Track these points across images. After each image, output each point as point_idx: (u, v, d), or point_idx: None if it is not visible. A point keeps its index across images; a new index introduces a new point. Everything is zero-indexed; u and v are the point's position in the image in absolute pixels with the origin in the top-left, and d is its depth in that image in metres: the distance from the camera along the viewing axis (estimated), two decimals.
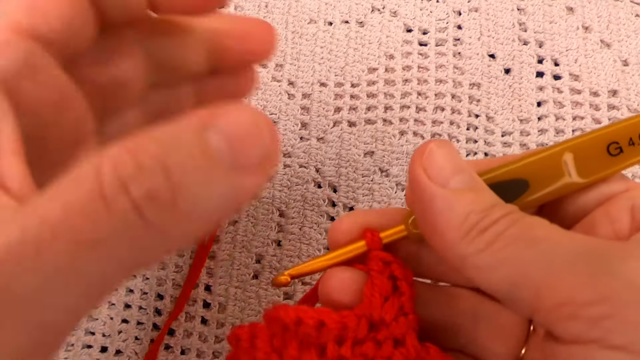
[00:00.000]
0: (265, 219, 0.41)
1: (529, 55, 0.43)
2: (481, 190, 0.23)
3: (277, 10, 0.46)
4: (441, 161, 0.23)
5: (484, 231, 0.21)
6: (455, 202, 0.22)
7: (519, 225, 0.21)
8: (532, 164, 0.25)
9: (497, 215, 0.22)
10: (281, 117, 0.43)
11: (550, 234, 0.21)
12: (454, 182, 0.23)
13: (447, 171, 0.23)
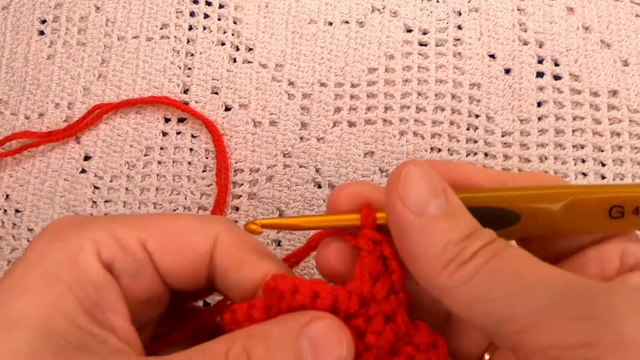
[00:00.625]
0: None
1: (529, 55, 0.43)
2: (459, 216, 0.22)
3: (277, 10, 0.46)
4: (417, 186, 0.22)
5: (464, 264, 0.21)
6: (431, 231, 0.21)
7: (500, 258, 0.21)
8: (530, 199, 0.24)
9: (476, 247, 0.21)
10: (281, 117, 0.43)
11: (534, 269, 0.21)
12: (430, 209, 0.22)
13: (423, 197, 0.22)
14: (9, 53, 0.47)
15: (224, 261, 0.25)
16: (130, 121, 0.44)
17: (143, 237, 0.24)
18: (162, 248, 0.24)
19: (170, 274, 0.25)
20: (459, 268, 0.21)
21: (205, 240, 0.25)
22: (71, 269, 0.21)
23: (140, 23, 0.46)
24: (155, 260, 0.24)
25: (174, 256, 0.24)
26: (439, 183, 0.23)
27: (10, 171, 0.44)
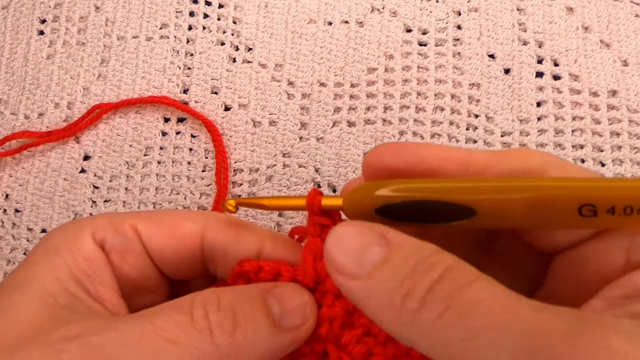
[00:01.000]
0: (265, 218, 0.41)
1: (529, 55, 0.43)
2: (396, 252, 0.20)
3: (277, 10, 0.46)
4: (348, 247, 0.21)
5: (417, 313, 0.19)
6: (372, 288, 0.20)
7: (454, 310, 0.18)
8: (484, 191, 0.21)
9: (424, 288, 0.19)
10: (281, 117, 0.43)
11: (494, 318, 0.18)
12: (366, 264, 0.20)
13: (356, 257, 0.21)
14: (9, 53, 0.47)
15: (217, 238, 0.26)
16: (130, 121, 0.44)
17: (134, 221, 0.26)
18: (152, 230, 0.26)
19: (160, 254, 0.26)
20: (413, 318, 0.19)
21: (194, 222, 0.26)
22: (68, 245, 0.24)
23: (139, 23, 0.46)
24: (144, 241, 0.26)
25: (164, 236, 0.26)
26: (371, 229, 0.21)
27: (10, 171, 0.44)
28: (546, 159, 0.23)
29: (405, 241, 0.21)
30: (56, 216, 0.43)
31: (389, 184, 0.22)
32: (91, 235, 0.25)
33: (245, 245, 0.26)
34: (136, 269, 0.26)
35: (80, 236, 0.25)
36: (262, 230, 0.27)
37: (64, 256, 0.24)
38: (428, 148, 0.23)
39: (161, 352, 0.21)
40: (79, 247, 0.24)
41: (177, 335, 0.21)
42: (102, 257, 0.25)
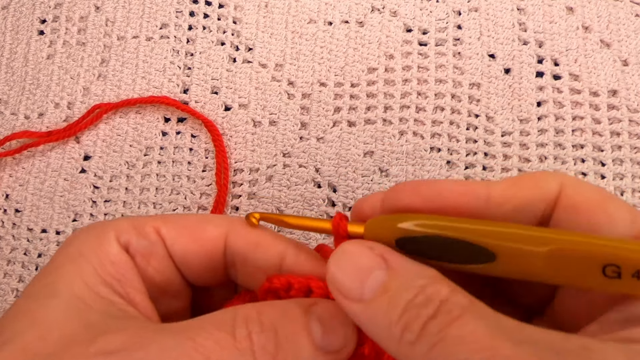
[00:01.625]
0: None
1: (529, 55, 0.43)
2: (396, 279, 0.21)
3: (277, 10, 0.46)
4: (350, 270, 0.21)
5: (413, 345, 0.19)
6: (373, 315, 0.20)
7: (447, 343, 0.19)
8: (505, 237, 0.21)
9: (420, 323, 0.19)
10: (281, 117, 0.43)
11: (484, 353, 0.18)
12: (368, 290, 0.21)
13: (358, 279, 0.21)
14: (9, 53, 0.47)
15: (239, 244, 0.26)
16: (130, 121, 0.44)
17: (157, 224, 0.26)
18: (175, 233, 0.26)
19: (183, 257, 0.26)
20: (410, 350, 0.20)
21: (217, 227, 0.26)
22: (93, 249, 0.24)
23: (140, 23, 0.46)
24: (168, 244, 0.26)
25: (187, 240, 0.26)
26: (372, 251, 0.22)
27: (10, 171, 0.44)
28: (561, 181, 0.23)
29: (404, 266, 0.21)
30: (56, 216, 0.43)
31: (413, 218, 0.22)
32: (116, 239, 0.25)
33: (266, 254, 0.26)
34: (160, 272, 0.26)
35: (106, 240, 0.24)
36: (284, 240, 0.26)
37: (90, 260, 0.23)
38: (446, 184, 0.23)
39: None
40: (104, 251, 0.24)
41: (218, 355, 0.21)
42: (129, 260, 0.25)
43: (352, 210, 0.26)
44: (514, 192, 0.23)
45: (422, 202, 0.23)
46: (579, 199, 0.22)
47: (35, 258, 0.42)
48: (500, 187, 0.23)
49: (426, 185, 0.23)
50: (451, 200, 0.23)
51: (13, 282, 0.42)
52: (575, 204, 0.22)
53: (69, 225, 0.43)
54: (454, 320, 0.19)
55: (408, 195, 0.23)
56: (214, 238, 0.26)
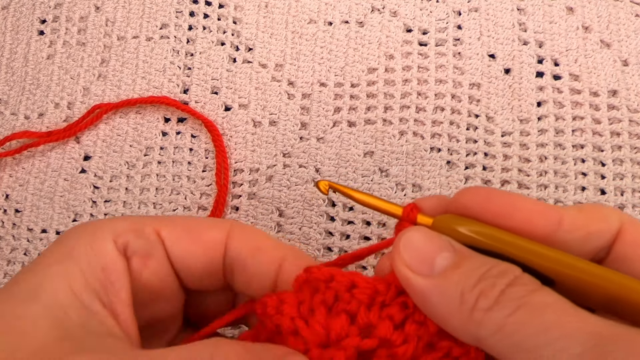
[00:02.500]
0: (265, 218, 0.41)
1: (529, 55, 0.43)
2: (468, 259, 0.22)
3: (277, 10, 0.46)
4: (419, 248, 0.22)
5: (489, 311, 0.20)
6: (445, 287, 0.21)
7: (527, 309, 0.19)
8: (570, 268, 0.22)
9: (498, 289, 0.20)
10: (281, 117, 0.43)
11: (563, 319, 0.19)
12: (438, 266, 0.21)
13: (427, 257, 0.22)
14: (9, 53, 0.47)
15: (240, 249, 0.25)
16: (130, 121, 0.44)
17: (158, 226, 0.25)
18: (175, 235, 0.25)
19: (182, 260, 0.25)
20: (484, 316, 0.20)
21: (219, 231, 0.26)
22: (85, 250, 0.23)
23: (140, 23, 0.46)
24: (167, 246, 0.25)
25: (187, 242, 0.25)
26: (441, 237, 0.22)
27: (10, 171, 0.44)
28: (621, 217, 0.23)
29: (473, 253, 0.22)
30: (56, 216, 0.43)
31: (482, 230, 0.23)
32: (112, 240, 0.24)
33: (266, 258, 0.25)
34: (156, 275, 0.25)
35: (101, 240, 0.24)
36: (284, 246, 0.26)
37: (80, 263, 0.23)
38: (522, 199, 0.23)
39: None
40: (97, 253, 0.23)
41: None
42: (122, 265, 0.24)
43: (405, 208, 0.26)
44: (584, 222, 0.23)
45: (495, 211, 0.23)
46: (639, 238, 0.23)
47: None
48: (572, 214, 0.23)
49: (501, 196, 0.23)
50: (525, 217, 0.23)
51: None
52: (636, 241, 0.23)
53: (69, 225, 0.43)
54: (534, 291, 0.20)
55: (481, 202, 0.23)
56: (215, 241, 0.25)
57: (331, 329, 0.22)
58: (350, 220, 0.41)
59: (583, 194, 0.40)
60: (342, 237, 0.41)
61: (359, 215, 0.41)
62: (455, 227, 0.23)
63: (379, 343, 0.22)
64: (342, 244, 0.40)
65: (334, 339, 0.22)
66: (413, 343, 0.22)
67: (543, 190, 0.40)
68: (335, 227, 0.41)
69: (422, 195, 0.41)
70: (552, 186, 0.40)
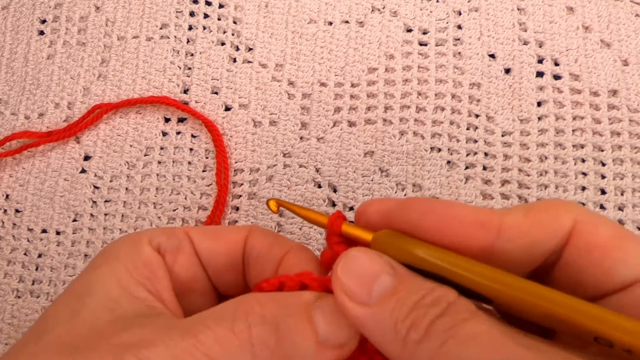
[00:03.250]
0: (265, 218, 0.41)
1: (529, 55, 0.43)
2: (404, 285, 0.21)
3: (277, 10, 0.46)
4: (358, 272, 0.21)
5: (420, 344, 0.19)
6: (379, 317, 0.21)
7: (456, 341, 0.19)
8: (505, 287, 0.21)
9: (428, 320, 0.20)
10: (281, 117, 0.43)
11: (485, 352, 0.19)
12: (375, 293, 0.21)
13: (366, 282, 0.21)
14: (9, 53, 0.47)
15: (256, 245, 0.27)
16: (130, 121, 0.44)
17: (186, 229, 0.28)
18: (201, 235, 0.28)
19: (208, 256, 0.28)
20: (416, 348, 0.20)
21: (239, 231, 0.28)
22: (128, 252, 0.26)
23: (140, 23, 0.46)
24: (195, 243, 0.28)
25: (211, 240, 0.28)
26: (382, 258, 0.22)
27: (10, 171, 0.44)
28: (575, 215, 0.22)
29: (411, 274, 0.21)
30: (56, 216, 0.43)
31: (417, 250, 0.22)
32: (148, 242, 0.27)
33: (274, 254, 0.27)
34: (186, 268, 0.27)
35: (139, 244, 0.26)
36: (290, 243, 0.27)
37: (124, 262, 0.25)
38: (461, 209, 0.22)
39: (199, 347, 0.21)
40: (138, 253, 0.26)
41: (216, 352, 0.21)
42: (159, 260, 0.26)
43: (356, 212, 0.26)
44: (527, 229, 0.22)
45: (435, 224, 0.22)
46: (593, 240, 0.21)
47: (36, 258, 0.42)
48: (513, 220, 0.22)
49: (442, 207, 0.23)
50: (461, 230, 0.22)
51: (13, 282, 0.42)
52: (589, 244, 0.21)
53: (69, 225, 0.43)
54: (464, 320, 0.19)
55: (422, 214, 0.23)
56: (235, 239, 0.28)
57: None
58: (351, 220, 0.41)
59: (583, 193, 0.40)
60: None
61: None
62: (391, 246, 0.23)
63: None
64: None
65: None
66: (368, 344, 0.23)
67: (543, 190, 0.40)
68: None
69: (422, 195, 0.41)
70: (552, 186, 0.40)
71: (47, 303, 0.41)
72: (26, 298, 0.42)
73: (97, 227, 0.42)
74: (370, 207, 0.25)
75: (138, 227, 0.42)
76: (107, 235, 0.42)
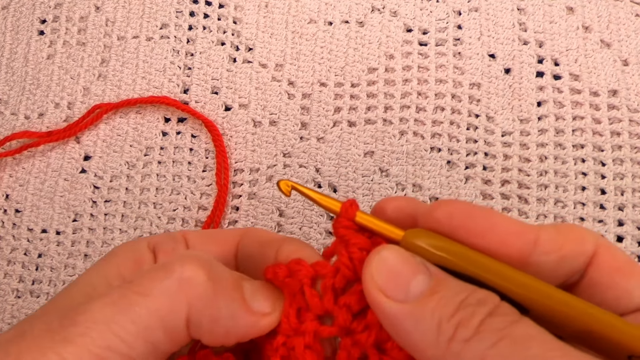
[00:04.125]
0: (265, 218, 0.41)
1: (529, 55, 0.43)
2: (443, 286, 0.20)
3: (277, 10, 0.46)
4: (394, 270, 0.21)
5: (468, 342, 0.19)
6: (420, 314, 0.20)
7: (510, 341, 0.19)
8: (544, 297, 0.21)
9: (478, 318, 0.19)
10: (281, 117, 0.43)
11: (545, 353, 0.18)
12: (413, 291, 0.20)
13: (402, 280, 0.21)
14: (9, 53, 0.47)
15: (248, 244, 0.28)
16: (130, 121, 0.44)
17: (185, 232, 0.29)
18: (196, 236, 0.28)
19: None
20: (463, 347, 0.19)
21: (233, 233, 0.29)
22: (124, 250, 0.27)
23: (140, 23, 0.46)
24: (190, 245, 0.28)
25: (205, 240, 0.28)
26: (416, 259, 0.21)
27: (10, 171, 0.44)
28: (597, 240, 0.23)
29: (449, 277, 0.21)
30: (56, 216, 0.43)
31: (457, 251, 0.22)
32: (147, 243, 0.27)
33: (265, 253, 0.27)
34: None
35: (138, 244, 0.27)
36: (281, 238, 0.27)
37: (117, 259, 0.26)
38: (501, 219, 0.22)
39: (133, 306, 0.22)
40: (132, 251, 0.27)
41: (149, 288, 0.22)
42: (151, 258, 0.27)
43: (375, 207, 0.25)
44: (561, 244, 0.22)
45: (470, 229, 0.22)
46: (614, 263, 0.22)
47: (36, 258, 0.42)
48: (548, 234, 0.22)
49: (477, 214, 0.23)
50: (500, 238, 0.22)
51: (13, 282, 0.42)
52: (611, 267, 0.22)
53: (69, 225, 0.43)
54: (515, 322, 0.19)
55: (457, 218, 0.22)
56: (228, 240, 0.28)
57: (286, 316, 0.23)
58: None
59: (583, 193, 0.40)
60: None
61: None
62: (427, 245, 0.22)
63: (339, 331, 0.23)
64: None
65: (294, 326, 0.23)
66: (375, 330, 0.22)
67: (543, 190, 0.40)
68: None
69: (422, 194, 0.41)
70: (552, 186, 0.40)
71: None
72: (26, 298, 0.42)
73: (97, 227, 0.42)
74: (391, 203, 0.25)
75: (138, 227, 0.42)
76: (107, 235, 0.42)
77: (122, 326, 0.22)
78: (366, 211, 0.25)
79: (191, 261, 0.23)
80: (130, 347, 0.22)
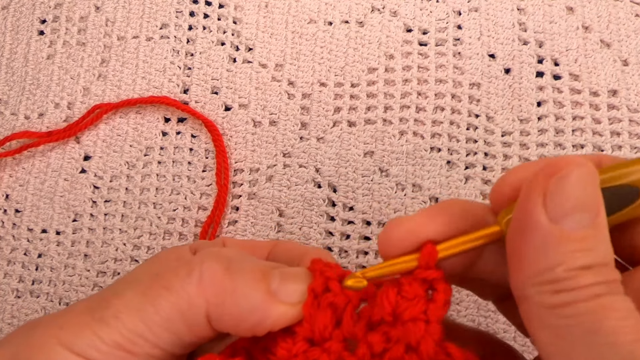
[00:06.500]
0: (265, 218, 0.41)
1: (529, 55, 0.43)
2: (596, 244, 0.19)
3: (277, 10, 0.46)
4: (568, 191, 0.19)
5: (558, 293, 0.18)
6: (557, 244, 0.19)
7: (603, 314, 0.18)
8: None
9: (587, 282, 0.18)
10: (281, 117, 0.43)
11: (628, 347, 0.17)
12: (569, 220, 0.19)
13: (568, 205, 0.19)
14: (9, 53, 0.47)
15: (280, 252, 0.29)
16: (130, 121, 0.44)
17: (225, 239, 0.31)
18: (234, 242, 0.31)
19: None
20: (552, 295, 0.18)
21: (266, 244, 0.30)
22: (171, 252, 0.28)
23: (140, 23, 0.46)
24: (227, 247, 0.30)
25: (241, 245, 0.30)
26: (595, 197, 0.19)
27: (10, 171, 0.44)
28: None
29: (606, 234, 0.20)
30: (56, 216, 0.43)
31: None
32: (189, 247, 0.28)
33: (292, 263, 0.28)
34: None
35: (182, 248, 0.29)
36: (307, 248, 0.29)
37: (161, 256, 0.28)
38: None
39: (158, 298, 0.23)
40: (175, 252, 0.28)
41: (171, 283, 0.23)
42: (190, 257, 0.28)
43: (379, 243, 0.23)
44: None
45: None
46: None
47: (36, 258, 0.42)
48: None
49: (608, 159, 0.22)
50: None
51: (13, 282, 0.42)
52: None
53: (69, 225, 0.43)
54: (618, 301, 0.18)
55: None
56: (262, 247, 0.30)
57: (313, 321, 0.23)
58: (350, 220, 0.41)
59: None
60: (342, 237, 0.41)
61: (359, 215, 0.41)
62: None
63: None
64: (342, 244, 0.40)
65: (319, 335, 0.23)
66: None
67: None
68: (335, 227, 0.41)
69: (422, 194, 0.41)
70: None
71: (47, 303, 0.41)
72: (26, 298, 0.42)
73: (97, 227, 0.42)
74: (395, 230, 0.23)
75: (138, 227, 0.42)
76: (107, 235, 0.42)
77: (149, 315, 0.23)
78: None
79: (210, 258, 0.24)
80: (157, 336, 0.23)
